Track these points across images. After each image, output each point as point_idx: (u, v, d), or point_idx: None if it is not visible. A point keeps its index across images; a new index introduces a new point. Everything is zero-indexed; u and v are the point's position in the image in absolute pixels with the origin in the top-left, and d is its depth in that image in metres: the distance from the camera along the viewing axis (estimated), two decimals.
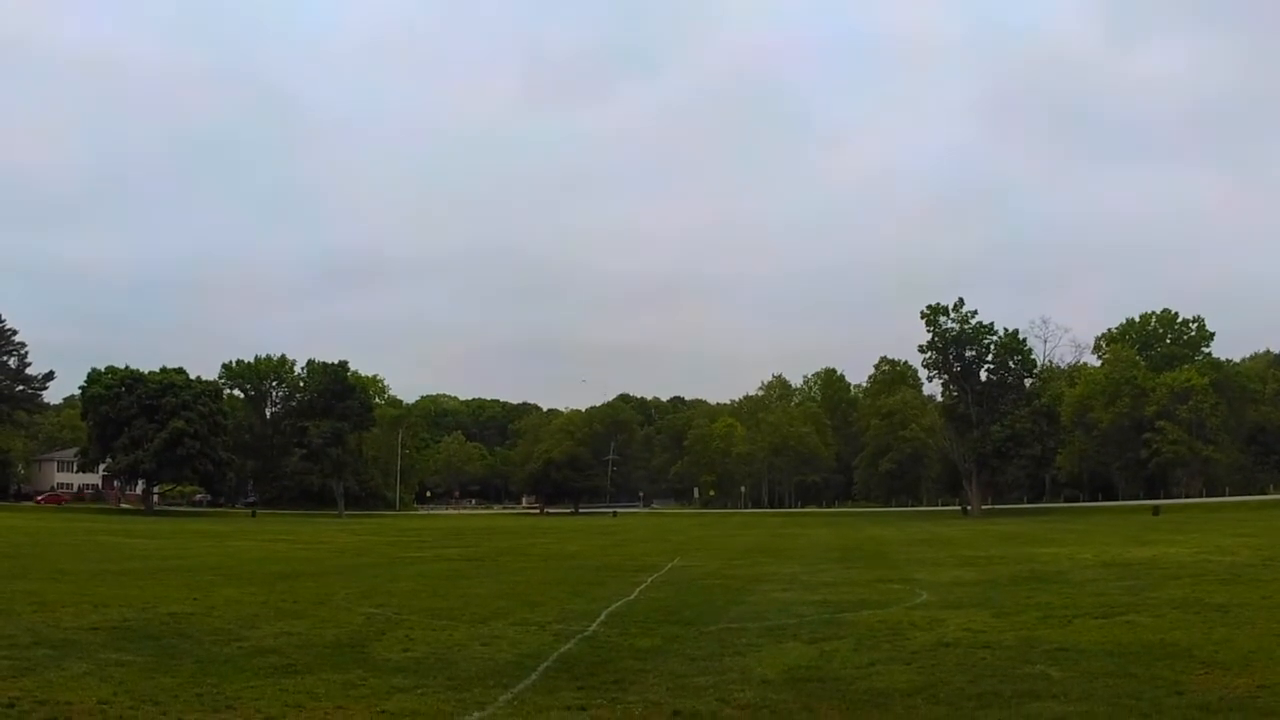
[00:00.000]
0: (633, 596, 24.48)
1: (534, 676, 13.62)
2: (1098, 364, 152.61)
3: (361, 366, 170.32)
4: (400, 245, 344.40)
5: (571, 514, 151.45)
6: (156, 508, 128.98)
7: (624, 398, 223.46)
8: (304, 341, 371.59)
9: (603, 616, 20.14)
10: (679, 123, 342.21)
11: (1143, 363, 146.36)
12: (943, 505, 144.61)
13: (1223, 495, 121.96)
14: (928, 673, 13.65)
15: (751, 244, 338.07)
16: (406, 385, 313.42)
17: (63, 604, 21.64)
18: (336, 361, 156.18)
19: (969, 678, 13.17)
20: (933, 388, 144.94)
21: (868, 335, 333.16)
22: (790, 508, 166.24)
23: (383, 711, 11.44)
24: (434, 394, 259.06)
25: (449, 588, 27.46)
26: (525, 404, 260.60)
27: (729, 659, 15.02)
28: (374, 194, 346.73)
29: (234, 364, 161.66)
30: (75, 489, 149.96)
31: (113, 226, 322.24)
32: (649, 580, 29.56)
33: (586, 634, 17.69)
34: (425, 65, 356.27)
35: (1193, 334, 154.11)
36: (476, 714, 11.33)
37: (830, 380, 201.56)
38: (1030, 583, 26.83)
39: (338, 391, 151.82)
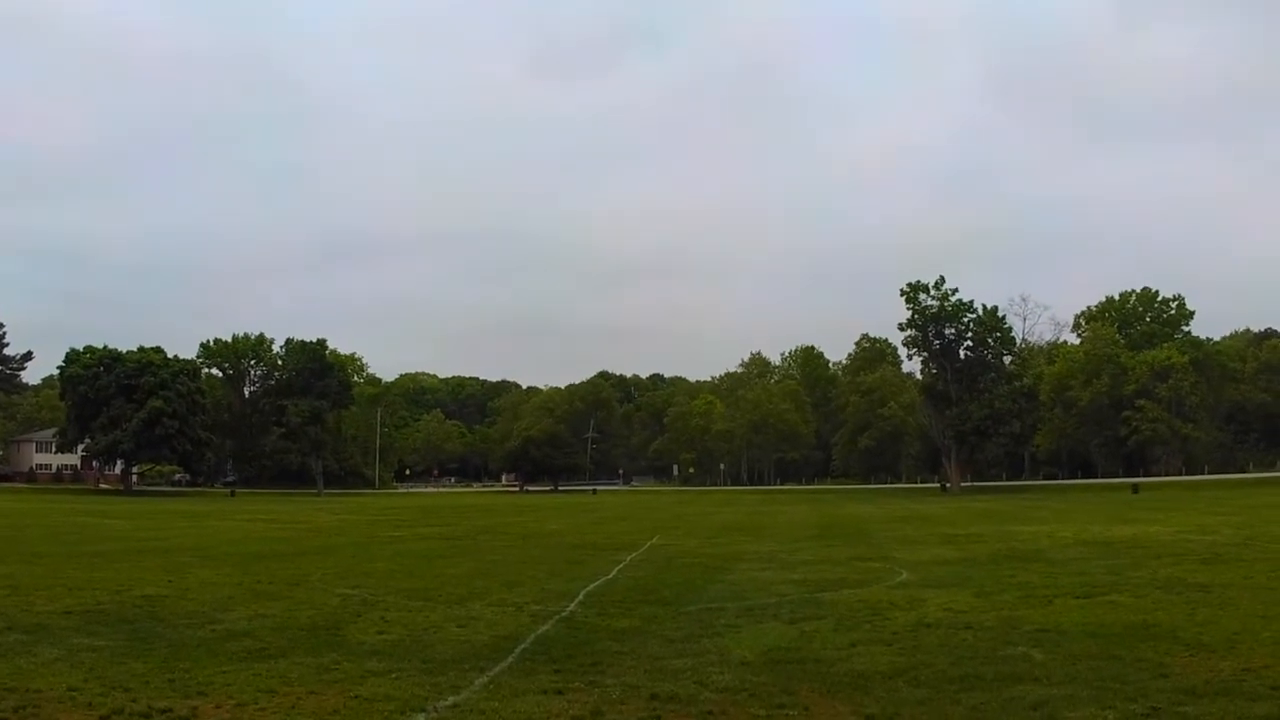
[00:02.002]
0: (611, 576, 24.35)
1: (510, 659, 13.45)
2: (1077, 342, 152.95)
3: (344, 345, 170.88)
4: (390, 224, 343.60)
5: (551, 492, 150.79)
6: (135, 488, 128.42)
7: (604, 375, 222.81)
8: (290, 321, 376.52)
9: (581, 597, 19.99)
10: (680, 102, 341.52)
11: (1122, 341, 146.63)
12: (922, 483, 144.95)
13: (1202, 474, 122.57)
14: (909, 654, 13.50)
15: (745, 224, 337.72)
16: (386, 364, 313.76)
17: (36, 587, 21.46)
18: (314, 340, 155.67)
19: (950, 659, 13.02)
20: (912, 365, 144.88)
21: (852, 314, 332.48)
22: (769, 485, 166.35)
23: (356, 696, 11.23)
24: (413, 372, 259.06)
25: (426, 568, 27.27)
26: (504, 382, 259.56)
27: (707, 640, 14.85)
28: (369, 173, 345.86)
29: (212, 343, 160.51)
30: (54, 470, 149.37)
31: (105, 205, 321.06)
32: (628, 559, 29.42)
33: (564, 615, 17.53)
34: (428, 42, 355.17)
35: (1172, 313, 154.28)
36: (451, 698, 11.12)
37: (809, 358, 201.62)
38: (1011, 561, 26.77)
39: (316, 370, 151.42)
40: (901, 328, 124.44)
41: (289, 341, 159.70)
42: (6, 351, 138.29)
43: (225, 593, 21.13)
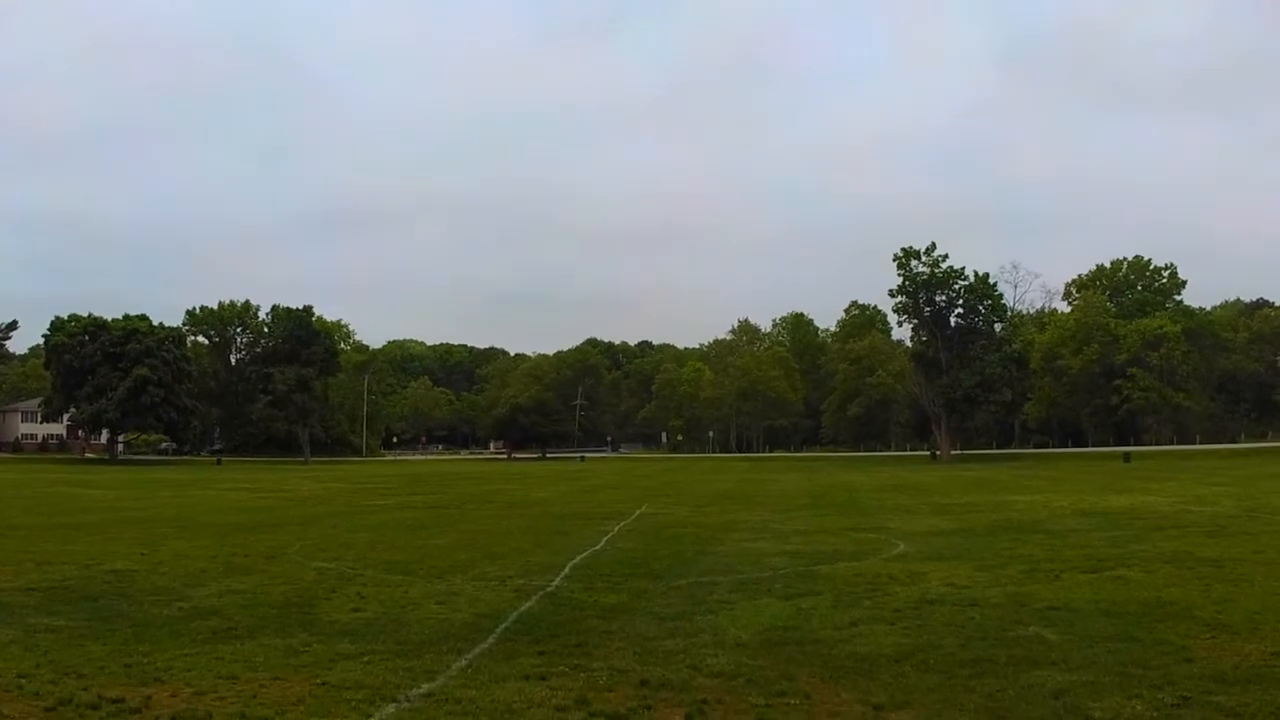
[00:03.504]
0: (599, 547, 23.65)
1: (491, 640, 12.68)
2: (1068, 310, 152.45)
3: (332, 314, 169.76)
4: (379, 194, 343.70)
5: (539, 459, 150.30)
6: (121, 457, 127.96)
7: (592, 342, 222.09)
8: (278, 291, 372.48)
9: (567, 570, 19.26)
10: (676, 72, 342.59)
11: (1114, 309, 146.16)
12: (911, 450, 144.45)
13: (1193, 443, 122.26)
14: (914, 634, 12.74)
15: (739, 194, 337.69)
16: (374, 332, 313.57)
17: (4, 562, 20.90)
18: (301, 307, 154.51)
19: (959, 640, 12.26)
20: (902, 333, 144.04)
21: (843, 282, 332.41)
22: (758, 452, 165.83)
23: (323, 683, 10.44)
24: (401, 339, 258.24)
25: (408, 539, 26.50)
26: (492, 349, 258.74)
27: (700, 618, 14.08)
28: (358, 142, 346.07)
29: (198, 310, 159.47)
30: (40, 439, 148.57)
31: (95, 176, 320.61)
32: (616, 529, 28.74)
33: (549, 590, 16.78)
34: (427, 10, 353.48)
35: (1164, 281, 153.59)
36: (426, 685, 10.32)
37: (799, 325, 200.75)
38: (1009, 532, 26.11)
39: (302, 338, 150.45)
40: (892, 294, 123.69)
41: (275, 309, 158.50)
42: None
43: (198, 566, 20.44)
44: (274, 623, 14.00)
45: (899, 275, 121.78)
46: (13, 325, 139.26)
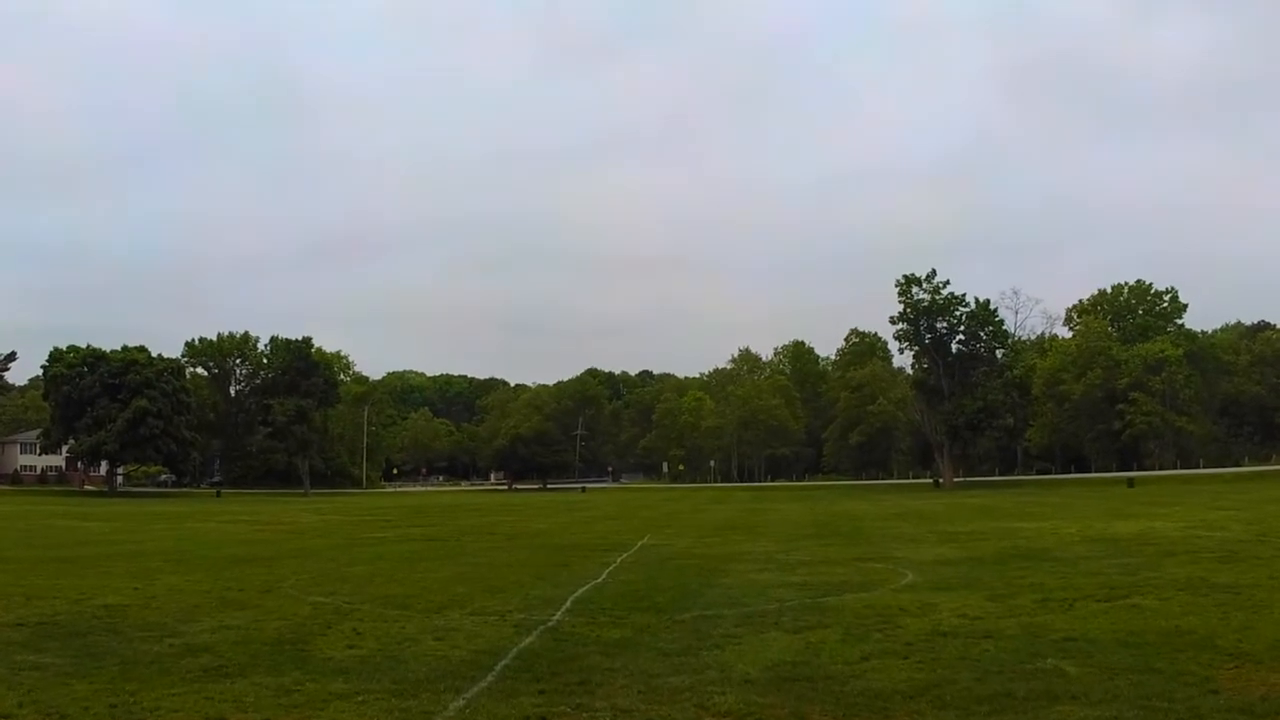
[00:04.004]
0: (601, 579, 23.14)
1: (490, 678, 12.21)
2: (1069, 335, 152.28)
3: (331, 344, 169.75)
4: (378, 221, 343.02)
5: (540, 489, 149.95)
6: (120, 489, 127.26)
7: (592, 372, 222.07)
8: (276, 320, 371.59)
9: (568, 603, 18.77)
10: (676, 101, 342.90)
11: (1115, 334, 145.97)
12: (914, 478, 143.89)
13: (1196, 467, 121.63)
14: (928, 669, 12.27)
15: (740, 220, 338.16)
16: (374, 362, 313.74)
17: None
18: (300, 338, 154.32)
19: (975, 675, 11.79)
20: (903, 360, 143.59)
21: (844, 310, 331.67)
22: (760, 481, 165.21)
23: None
24: (400, 370, 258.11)
25: (406, 572, 26.03)
26: (492, 379, 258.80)
27: (706, 653, 13.62)
28: (357, 169, 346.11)
29: (197, 342, 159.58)
30: (39, 471, 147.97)
31: (92, 204, 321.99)
32: (618, 560, 28.27)
33: (550, 624, 16.29)
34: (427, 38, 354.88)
35: (1165, 306, 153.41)
36: None
37: (799, 353, 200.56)
38: (1018, 560, 25.62)
39: (301, 368, 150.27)
40: (893, 321, 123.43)
41: (274, 340, 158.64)
42: None
43: (192, 601, 19.96)
44: (266, 660, 13.54)
45: (900, 302, 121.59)
46: (11, 356, 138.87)
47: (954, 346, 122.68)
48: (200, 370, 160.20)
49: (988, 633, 14.63)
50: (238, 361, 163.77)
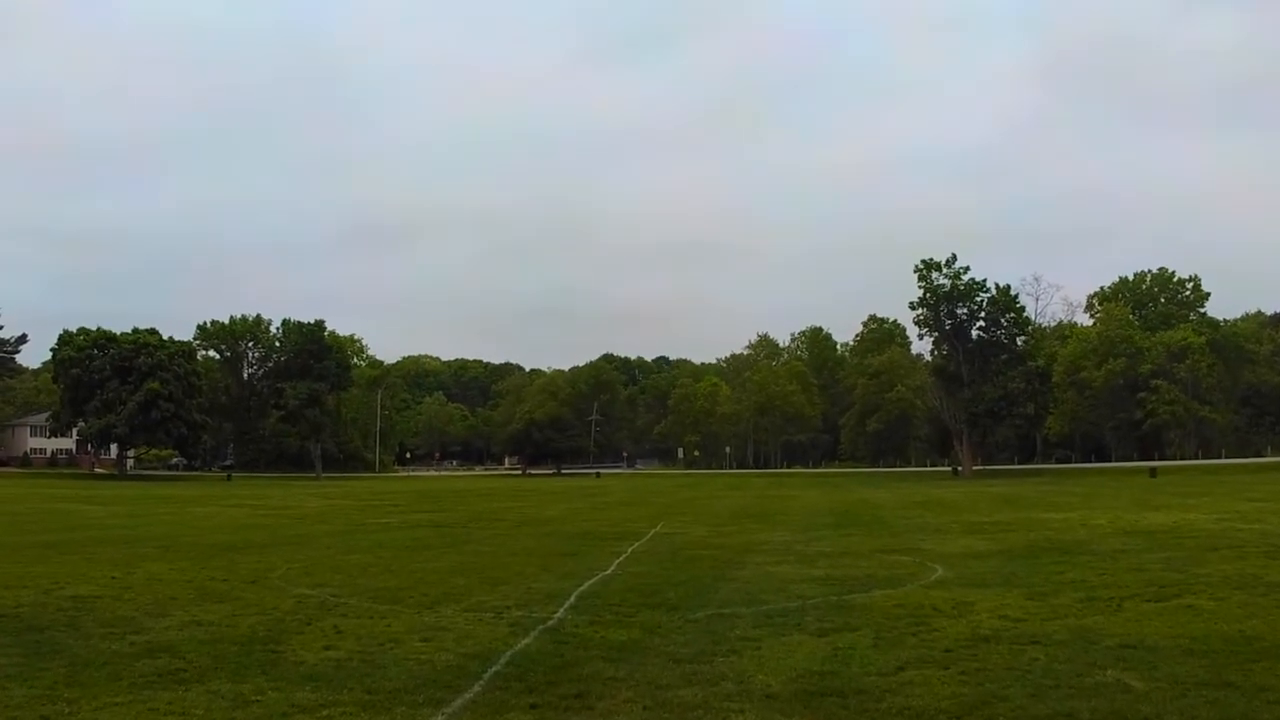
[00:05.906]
0: (609, 571, 21.73)
1: (477, 687, 10.77)
2: (1089, 323, 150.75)
3: (349, 328, 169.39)
4: (399, 211, 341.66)
5: (554, 475, 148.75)
6: (131, 472, 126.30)
7: (607, 358, 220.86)
8: (293, 306, 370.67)
9: (572, 599, 17.34)
10: (708, 91, 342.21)
11: (1137, 322, 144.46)
12: (931, 466, 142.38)
13: (1218, 457, 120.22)
14: (973, 682, 10.74)
15: (765, 208, 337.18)
16: (389, 347, 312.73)
17: None
18: (312, 321, 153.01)
19: (1028, 690, 10.29)
20: (922, 346, 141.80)
21: (864, 296, 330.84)
22: (776, 468, 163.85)
23: None
24: (415, 354, 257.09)
25: (405, 561, 24.67)
26: (508, 364, 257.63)
27: (721, 660, 12.15)
28: (389, 157, 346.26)
29: (209, 324, 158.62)
30: (49, 454, 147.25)
31: (118, 190, 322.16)
32: (629, 550, 26.88)
33: (550, 623, 14.86)
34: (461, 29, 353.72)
35: (1188, 294, 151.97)
36: None
37: (817, 339, 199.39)
38: (1052, 554, 24.13)
39: (314, 352, 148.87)
40: (913, 306, 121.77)
41: (286, 323, 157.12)
42: (1, 335, 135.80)
43: (169, 592, 18.64)
44: (231, 663, 12.15)
45: (919, 287, 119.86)
46: (22, 339, 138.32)
47: (974, 333, 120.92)
48: (212, 353, 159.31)
49: (1034, 637, 13.15)
50: (250, 345, 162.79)
